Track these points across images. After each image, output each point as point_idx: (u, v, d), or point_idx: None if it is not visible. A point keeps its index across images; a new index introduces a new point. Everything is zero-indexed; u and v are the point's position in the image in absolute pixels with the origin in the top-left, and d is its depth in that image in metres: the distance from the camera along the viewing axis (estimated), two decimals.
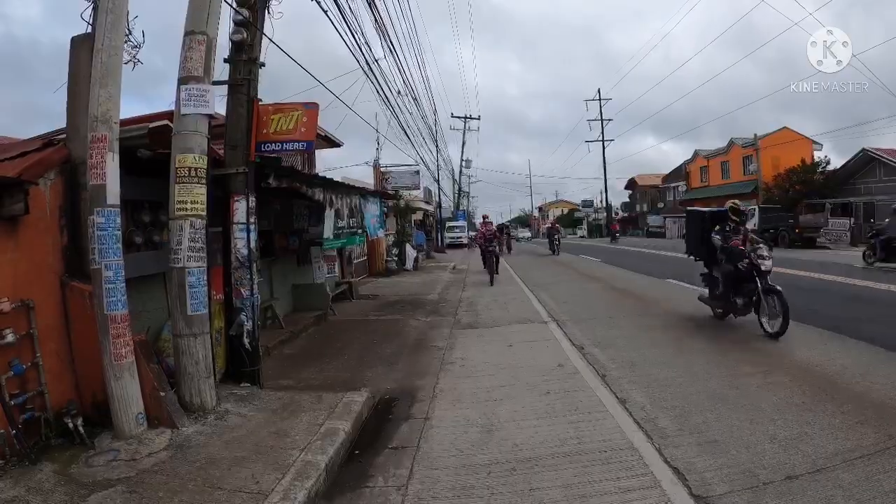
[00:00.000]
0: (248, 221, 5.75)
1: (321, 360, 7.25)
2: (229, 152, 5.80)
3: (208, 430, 4.50)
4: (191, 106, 4.95)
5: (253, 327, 5.78)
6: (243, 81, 5.80)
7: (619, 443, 4.19)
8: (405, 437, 4.60)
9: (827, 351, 6.39)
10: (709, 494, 3.32)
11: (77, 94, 4.62)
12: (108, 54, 4.26)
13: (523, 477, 3.69)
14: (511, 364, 6.73)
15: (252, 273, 5.79)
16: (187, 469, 3.76)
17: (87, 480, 3.59)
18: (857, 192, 31.58)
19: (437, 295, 13.86)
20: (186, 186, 4.87)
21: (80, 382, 4.55)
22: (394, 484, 3.74)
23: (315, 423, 4.58)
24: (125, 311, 4.24)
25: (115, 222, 4.22)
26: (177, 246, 4.87)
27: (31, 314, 4.18)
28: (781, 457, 3.73)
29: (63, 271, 4.51)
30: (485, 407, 5.16)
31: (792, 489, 3.30)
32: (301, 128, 5.93)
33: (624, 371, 6.10)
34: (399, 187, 27.14)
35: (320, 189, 8.51)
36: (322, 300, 10.72)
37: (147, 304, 5.65)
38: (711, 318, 8.71)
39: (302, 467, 3.73)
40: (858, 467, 3.48)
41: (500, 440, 4.35)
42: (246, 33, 5.76)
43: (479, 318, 10.30)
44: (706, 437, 4.17)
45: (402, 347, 7.93)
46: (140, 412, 4.30)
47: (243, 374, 5.73)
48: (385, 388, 5.92)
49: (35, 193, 4.21)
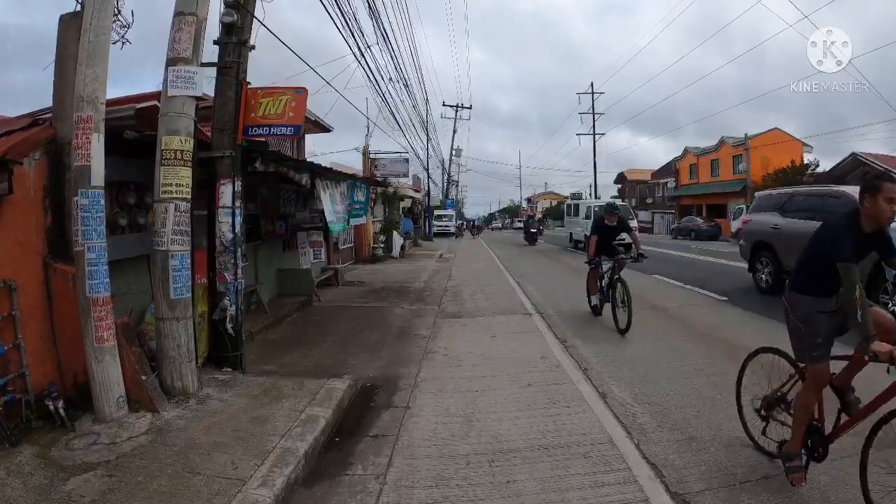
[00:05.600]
0: (234, 205, 5.71)
1: (304, 346, 7.25)
2: (216, 135, 5.75)
3: (189, 414, 4.50)
4: (178, 87, 4.91)
5: (236, 312, 5.77)
6: (232, 64, 5.74)
7: (598, 437, 4.24)
8: (386, 425, 4.63)
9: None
10: (686, 492, 3.37)
11: (64, 73, 4.54)
12: (95, 34, 4.20)
13: (502, 469, 3.73)
14: (494, 355, 6.78)
15: (237, 257, 5.77)
16: (167, 453, 3.76)
17: (67, 464, 3.58)
18: None
19: (423, 283, 13.89)
20: (172, 169, 4.83)
21: (62, 364, 4.53)
22: (373, 472, 3.77)
23: (296, 410, 4.60)
24: (108, 294, 4.22)
25: (99, 204, 4.19)
26: (161, 228, 4.84)
27: (13, 295, 4.14)
28: (759, 456, 3.79)
29: (46, 252, 4.46)
30: (466, 397, 5.20)
31: (768, 488, 3.36)
32: (290, 112, 5.89)
33: (606, 365, 6.17)
34: (388, 174, 26.99)
35: (307, 174, 8.47)
36: (307, 286, 10.69)
37: (131, 287, 5.62)
38: (699, 314, 8.95)
39: (281, 454, 3.75)
40: (837, 468, 3.52)
41: (479, 431, 4.40)
42: (237, 15, 5.68)
43: (463, 308, 10.36)
44: (685, 434, 4.23)
45: (385, 335, 7.95)
46: (121, 395, 4.29)
47: (226, 358, 5.73)
48: (367, 375, 5.94)
49: (19, 173, 4.16)
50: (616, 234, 8.80)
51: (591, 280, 8.91)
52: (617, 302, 7.93)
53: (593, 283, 8.86)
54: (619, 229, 8.74)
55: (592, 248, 8.61)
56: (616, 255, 8.60)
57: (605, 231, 8.63)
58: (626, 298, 7.69)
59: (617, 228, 8.67)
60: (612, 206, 9.57)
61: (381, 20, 12.94)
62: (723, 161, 44.05)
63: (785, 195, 11.29)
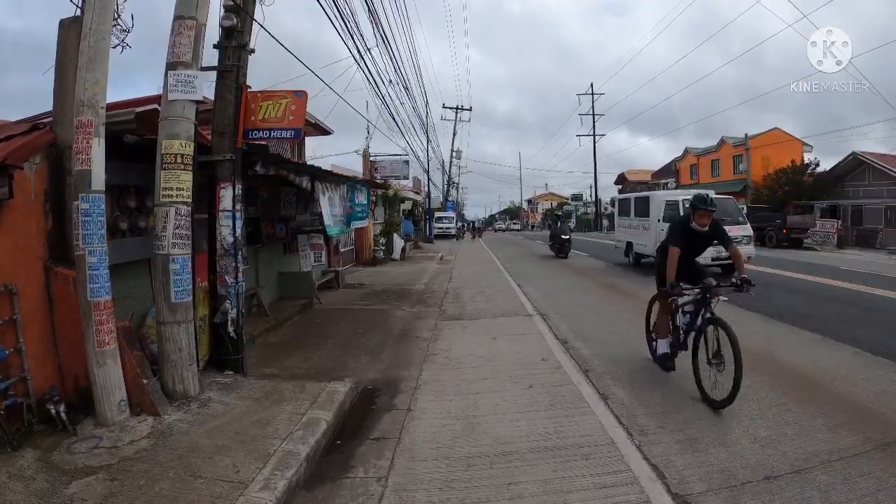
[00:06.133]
0: (235, 209, 5.73)
1: (305, 348, 7.25)
2: (217, 139, 5.76)
3: (190, 417, 4.50)
4: (178, 91, 4.92)
5: (237, 315, 5.77)
6: (232, 68, 5.76)
7: (599, 439, 4.24)
8: (387, 428, 4.63)
9: (808, 353, 6.50)
10: (687, 493, 3.37)
11: (64, 78, 4.56)
12: (95, 38, 4.22)
13: (503, 471, 3.74)
14: (494, 357, 6.78)
15: (237, 261, 5.78)
16: (168, 457, 3.77)
17: (69, 467, 3.59)
18: (846, 194, 31.94)
19: (424, 285, 13.89)
20: (172, 173, 4.84)
21: (64, 368, 4.53)
22: (374, 475, 3.78)
23: (297, 413, 4.60)
24: (109, 298, 4.23)
25: (99, 208, 4.20)
26: (162, 232, 4.85)
27: (14, 299, 4.15)
28: (760, 457, 3.80)
29: (47, 256, 4.47)
30: (467, 399, 5.21)
31: (770, 489, 3.36)
32: (289, 115, 5.91)
33: (607, 366, 6.17)
34: (388, 177, 26.99)
35: (308, 177, 8.47)
36: (308, 288, 10.69)
37: (132, 290, 5.62)
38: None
39: (283, 457, 3.75)
40: (837, 469, 3.55)
41: (480, 433, 4.40)
42: (236, 19, 5.71)
43: (464, 310, 10.35)
44: (686, 436, 4.23)
45: (386, 337, 7.95)
46: (123, 399, 4.29)
47: (227, 361, 5.73)
48: (368, 378, 5.95)
49: (20, 177, 4.16)
50: (706, 244, 5.73)
51: (659, 314, 5.95)
52: (707, 355, 4.92)
53: (663, 320, 5.86)
54: (712, 236, 5.60)
55: (673, 269, 5.32)
56: (704, 278, 5.31)
57: (690, 239, 5.51)
58: (730, 352, 4.59)
59: (708, 235, 5.55)
60: (703, 198, 5.46)
61: (381, 23, 12.91)
62: (723, 161, 44.01)
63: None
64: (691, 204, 5.54)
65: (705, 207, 5.36)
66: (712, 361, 4.86)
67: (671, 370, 5.71)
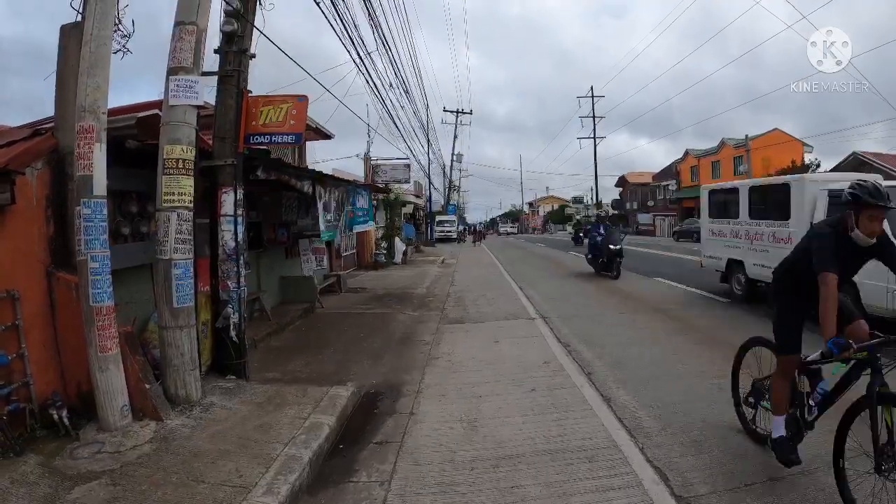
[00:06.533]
0: (236, 213, 5.73)
1: (307, 353, 7.25)
2: (218, 144, 5.77)
3: (193, 422, 4.50)
4: (179, 97, 4.92)
5: (239, 320, 5.77)
6: (233, 73, 5.77)
7: (602, 441, 4.23)
8: (390, 432, 4.63)
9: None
10: (690, 495, 3.36)
11: (66, 83, 4.57)
12: (96, 44, 4.22)
13: (506, 474, 3.73)
14: (497, 360, 6.76)
15: (239, 265, 5.78)
16: (171, 462, 3.76)
17: (72, 472, 3.58)
18: None
19: (425, 289, 13.88)
20: (174, 177, 4.85)
21: (66, 373, 4.53)
22: (377, 479, 3.77)
23: (300, 417, 4.60)
24: (111, 303, 4.23)
25: (101, 213, 4.20)
26: (163, 237, 4.85)
27: (16, 305, 4.15)
28: (764, 458, 3.78)
29: (49, 262, 4.47)
30: (469, 403, 5.19)
31: (774, 490, 3.36)
32: (290, 120, 5.90)
33: (609, 369, 6.16)
34: (389, 180, 27.03)
35: (309, 182, 8.48)
36: (310, 293, 10.71)
37: (134, 295, 5.62)
38: (698, 314, 8.87)
39: (286, 461, 3.75)
40: None
41: (483, 436, 4.39)
42: (237, 24, 5.72)
43: (466, 313, 10.34)
44: (689, 437, 4.22)
45: (388, 341, 7.94)
46: (125, 404, 4.29)
47: (229, 366, 5.73)
48: (371, 382, 5.94)
49: (22, 183, 4.17)
50: (858, 265, 3.51)
51: (776, 378, 3.74)
52: (875, 453, 2.90)
53: (781, 388, 3.67)
54: (871, 254, 3.37)
55: (833, 312, 3.09)
56: (855, 320, 3.43)
57: (847, 259, 3.34)
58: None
59: (869, 252, 3.35)
60: (874, 190, 3.21)
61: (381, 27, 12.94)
62: (724, 162, 44.06)
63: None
64: (851, 198, 3.26)
65: (880, 203, 3.19)
66: (883, 467, 2.87)
67: (796, 464, 3.50)
